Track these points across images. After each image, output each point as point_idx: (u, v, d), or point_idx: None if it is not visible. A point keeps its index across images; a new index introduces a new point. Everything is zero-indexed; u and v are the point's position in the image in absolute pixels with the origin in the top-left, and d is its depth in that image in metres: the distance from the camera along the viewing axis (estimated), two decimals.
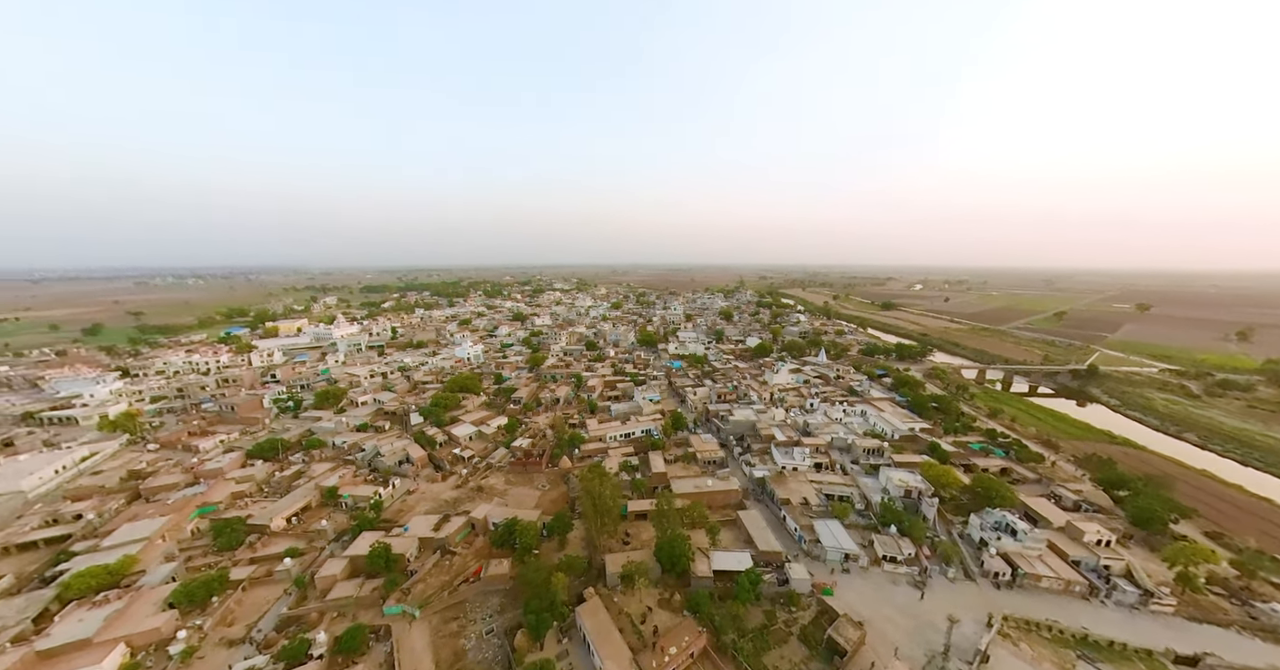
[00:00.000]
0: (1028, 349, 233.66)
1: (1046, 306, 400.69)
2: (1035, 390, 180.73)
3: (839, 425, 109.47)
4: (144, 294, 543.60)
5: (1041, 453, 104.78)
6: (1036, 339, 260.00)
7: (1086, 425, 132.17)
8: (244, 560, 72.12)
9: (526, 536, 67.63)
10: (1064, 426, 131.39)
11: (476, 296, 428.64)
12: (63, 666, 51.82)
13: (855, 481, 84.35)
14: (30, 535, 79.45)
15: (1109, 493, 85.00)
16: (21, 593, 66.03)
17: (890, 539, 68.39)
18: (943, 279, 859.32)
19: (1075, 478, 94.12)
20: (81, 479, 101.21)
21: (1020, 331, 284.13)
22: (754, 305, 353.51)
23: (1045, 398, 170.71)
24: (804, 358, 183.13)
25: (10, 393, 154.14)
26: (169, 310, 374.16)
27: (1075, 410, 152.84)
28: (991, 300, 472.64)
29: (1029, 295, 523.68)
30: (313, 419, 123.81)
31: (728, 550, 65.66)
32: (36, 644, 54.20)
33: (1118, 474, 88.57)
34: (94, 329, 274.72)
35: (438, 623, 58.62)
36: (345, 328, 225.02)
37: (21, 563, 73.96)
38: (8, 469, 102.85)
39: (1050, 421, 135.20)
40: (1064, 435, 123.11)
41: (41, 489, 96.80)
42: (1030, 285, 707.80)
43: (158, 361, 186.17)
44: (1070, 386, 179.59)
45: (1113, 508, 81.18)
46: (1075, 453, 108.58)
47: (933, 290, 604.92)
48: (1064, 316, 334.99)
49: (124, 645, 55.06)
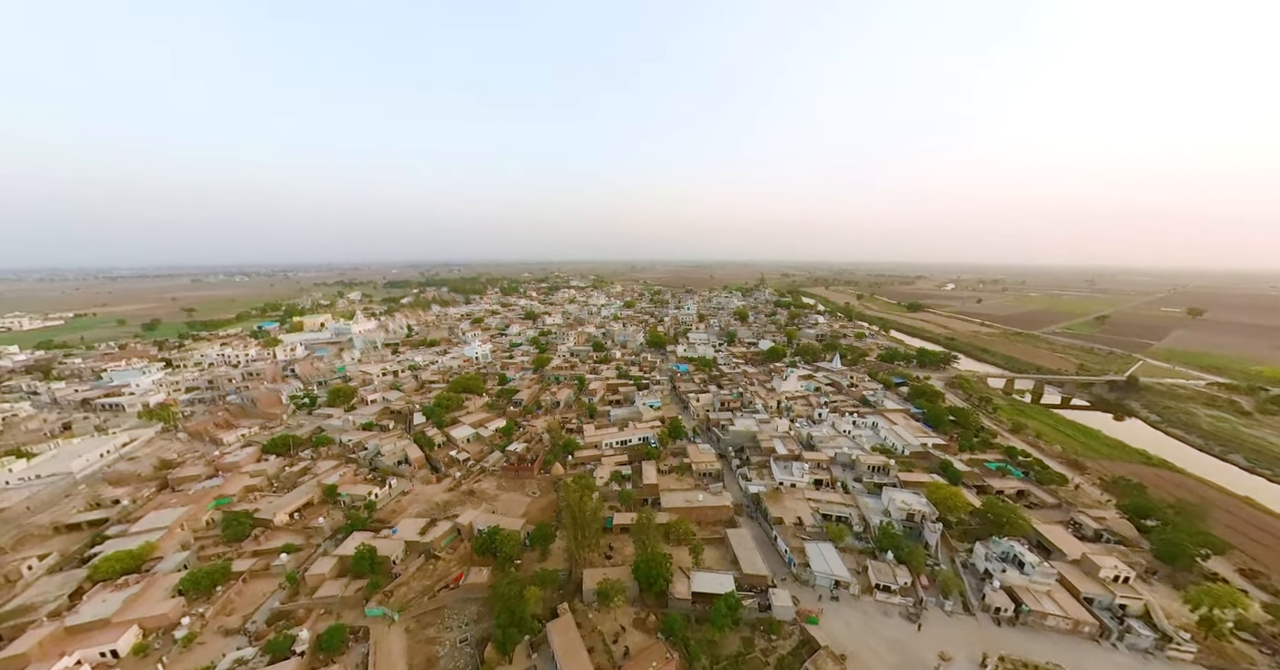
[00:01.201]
0: (1063, 356, 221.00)
1: (1087, 309, 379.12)
2: (1068, 402, 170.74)
3: (845, 438, 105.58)
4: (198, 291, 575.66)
5: (1064, 474, 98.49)
6: (1074, 346, 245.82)
7: (1120, 443, 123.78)
8: (247, 553, 74.92)
9: (507, 546, 67.51)
10: (1094, 444, 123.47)
11: (493, 293, 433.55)
12: (86, 642, 55.92)
13: (856, 501, 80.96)
14: (75, 517, 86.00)
15: (1135, 522, 79.12)
16: (62, 571, 71.17)
17: (886, 566, 65.20)
18: (977, 278, 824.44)
19: (1099, 503, 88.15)
20: (120, 464, 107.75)
21: (1056, 337, 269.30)
22: (772, 305, 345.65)
23: (1079, 410, 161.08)
24: (818, 363, 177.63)
25: (78, 381, 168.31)
26: (216, 306, 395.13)
27: (1110, 426, 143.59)
28: (1028, 302, 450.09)
29: (1069, 297, 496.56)
30: (324, 416, 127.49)
31: (710, 571, 63.81)
32: (66, 620, 58.66)
33: (1145, 501, 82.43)
34: (152, 324, 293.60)
35: (415, 627, 59.27)
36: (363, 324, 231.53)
37: (67, 542, 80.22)
38: (63, 451, 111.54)
39: (1080, 438, 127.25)
40: (1093, 454, 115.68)
41: (87, 471, 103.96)
42: (1071, 286, 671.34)
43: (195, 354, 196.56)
44: (1107, 399, 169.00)
45: (1137, 539, 75.47)
46: (1103, 474, 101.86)
47: (966, 290, 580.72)
48: (1106, 321, 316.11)
49: (137, 627, 58.58)
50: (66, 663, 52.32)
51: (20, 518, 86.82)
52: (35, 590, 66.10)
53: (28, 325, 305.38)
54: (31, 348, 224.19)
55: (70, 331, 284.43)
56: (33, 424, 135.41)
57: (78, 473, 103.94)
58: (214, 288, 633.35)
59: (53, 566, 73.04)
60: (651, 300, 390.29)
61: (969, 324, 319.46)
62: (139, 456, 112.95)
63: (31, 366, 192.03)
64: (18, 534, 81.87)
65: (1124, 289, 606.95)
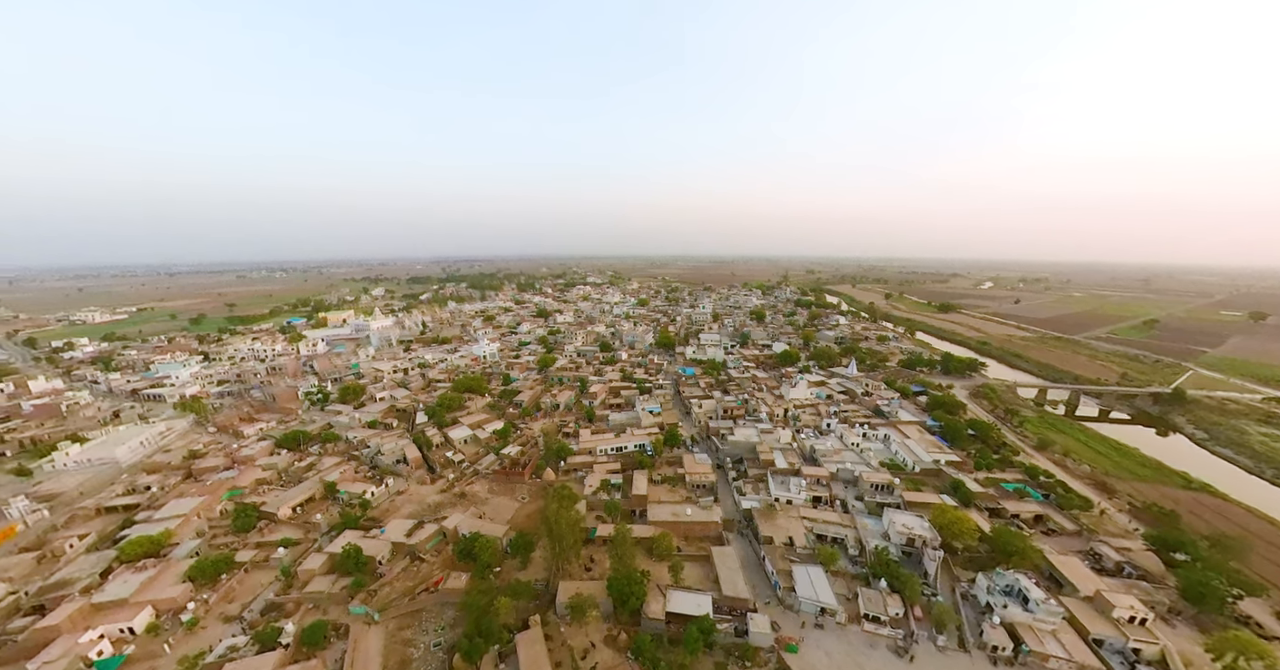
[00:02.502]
0: (1104, 364, 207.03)
1: (1136, 312, 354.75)
2: (1106, 415, 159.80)
3: (851, 452, 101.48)
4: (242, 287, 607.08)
5: (1090, 498, 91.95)
6: (1117, 352, 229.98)
7: (1157, 464, 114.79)
8: (251, 544, 78.43)
9: (486, 553, 67.87)
10: (1129, 464, 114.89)
11: (510, 289, 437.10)
12: (107, 618, 60.76)
13: (854, 522, 77.44)
14: (114, 501, 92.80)
15: (1162, 555, 72.95)
16: (97, 550, 77.06)
17: (877, 594, 62.06)
18: (1018, 276, 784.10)
19: (1125, 532, 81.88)
20: (157, 455, 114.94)
21: (1098, 343, 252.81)
22: (792, 304, 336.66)
23: (1117, 425, 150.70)
24: (833, 368, 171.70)
25: (131, 372, 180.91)
26: (255, 301, 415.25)
27: (1151, 443, 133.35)
28: (1071, 302, 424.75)
29: (1118, 297, 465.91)
30: (334, 412, 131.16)
31: (689, 590, 62.13)
32: (94, 597, 63.78)
33: (1176, 532, 75.94)
34: (198, 319, 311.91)
35: (394, 628, 60.55)
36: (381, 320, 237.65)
37: (105, 523, 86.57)
38: (111, 438, 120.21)
39: (1113, 457, 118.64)
40: (1126, 475, 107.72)
41: (130, 459, 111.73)
42: (1121, 285, 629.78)
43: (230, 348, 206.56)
44: (1150, 413, 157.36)
45: (1164, 574, 69.57)
46: (1134, 498, 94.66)
47: (1004, 289, 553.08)
48: (1155, 325, 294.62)
49: (151, 608, 62.83)
50: (91, 636, 57.34)
51: (74, 502, 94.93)
52: (74, 567, 72.40)
53: (98, 319, 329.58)
54: (98, 339, 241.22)
55: (132, 325, 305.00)
56: (89, 411, 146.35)
57: (122, 460, 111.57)
58: (256, 283, 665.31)
59: (91, 546, 79.51)
60: (667, 298, 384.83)
61: (1004, 326, 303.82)
62: (172, 448, 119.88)
63: (96, 357, 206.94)
64: (67, 514, 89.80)
65: (1180, 289, 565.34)
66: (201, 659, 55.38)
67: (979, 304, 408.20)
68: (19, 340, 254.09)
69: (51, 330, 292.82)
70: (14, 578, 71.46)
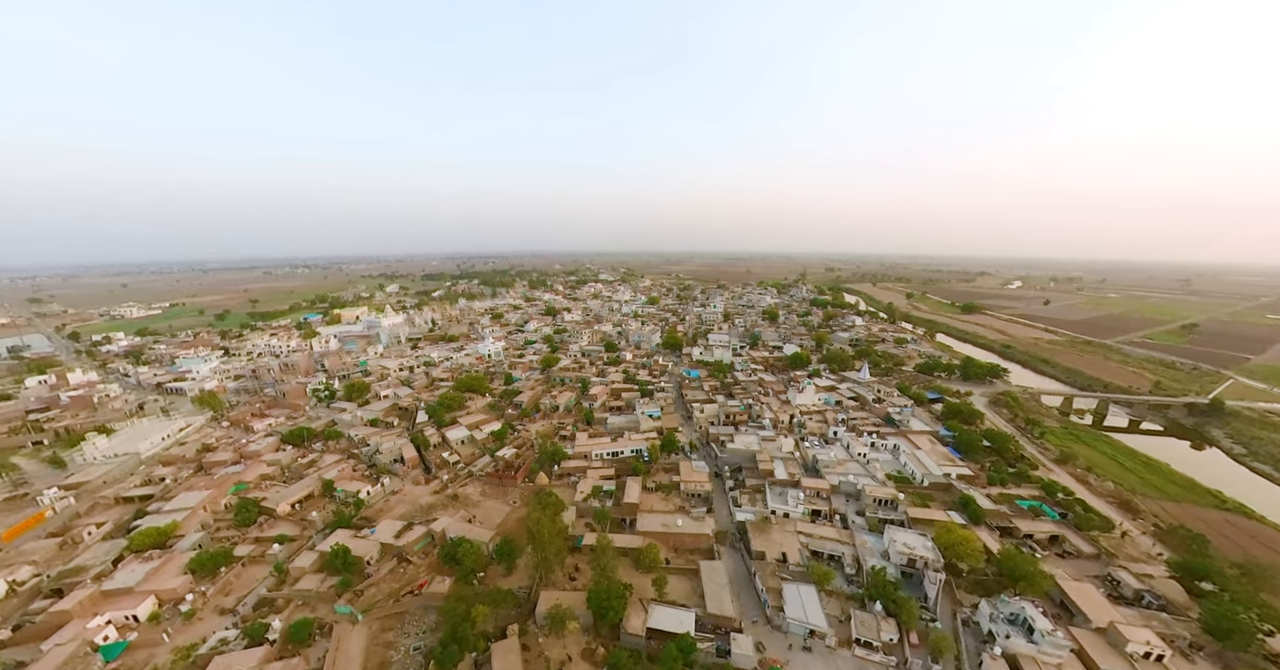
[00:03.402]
0: (1137, 372, 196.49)
1: (1174, 314, 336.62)
2: (1136, 427, 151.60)
3: (856, 463, 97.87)
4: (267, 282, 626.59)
5: (1111, 518, 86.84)
6: (1151, 358, 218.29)
7: (1189, 481, 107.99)
8: (250, 539, 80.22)
9: (469, 558, 67.64)
10: (1157, 480, 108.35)
11: (521, 287, 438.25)
12: (115, 605, 63.58)
13: (853, 538, 74.43)
14: (131, 491, 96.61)
15: (1186, 583, 68.19)
16: (112, 539, 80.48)
17: (871, 618, 59.37)
18: (1050, 275, 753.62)
19: (1148, 556, 76.87)
20: (173, 447, 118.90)
21: (1132, 348, 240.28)
22: (807, 303, 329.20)
23: (1148, 436, 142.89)
24: (845, 372, 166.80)
25: (158, 366, 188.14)
26: (277, 297, 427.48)
27: (1183, 457, 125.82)
28: (1105, 304, 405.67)
29: (1155, 299, 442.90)
30: (339, 410, 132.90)
31: (672, 606, 60.50)
32: (103, 584, 66.70)
33: (1203, 558, 70.90)
34: (223, 315, 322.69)
35: (377, 629, 60.91)
36: (392, 318, 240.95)
37: (121, 512, 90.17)
38: (134, 431, 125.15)
39: (1140, 472, 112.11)
40: (1154, 492, 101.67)
41: (150, 452, 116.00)
42: (1160, 285, 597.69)
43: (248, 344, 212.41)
44: (1184, 424, 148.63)
45: (1187, 605, 64.92)
46: (1161, 519, 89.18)
47: (1033, 289, 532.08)
48: (1193, 330, 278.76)
49: (154, 597, 65.22)
50: (99, 621, 60.03)
51: (97, 491, 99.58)
52: (90, 554, 75.90)
53: (135, 314, 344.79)
54: (133, 334, 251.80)
55: (164, 320, 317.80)
56: (118, 404, 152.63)
57: (142, 452, 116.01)
58: (280, 279, 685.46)
59: (107, 534, 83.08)
60: (678, 296, 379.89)
61: (1031, 329, 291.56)
62: (187, 441, 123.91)
63: (129, 351, 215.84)
64: (90, 503, 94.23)
65: (1224, 291, 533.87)
66: (194, 650, 57.18)
67: (1006, 305, 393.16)
68: (65, 334, 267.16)
69: (94, 325, 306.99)
70: (38, 562, 75.40)
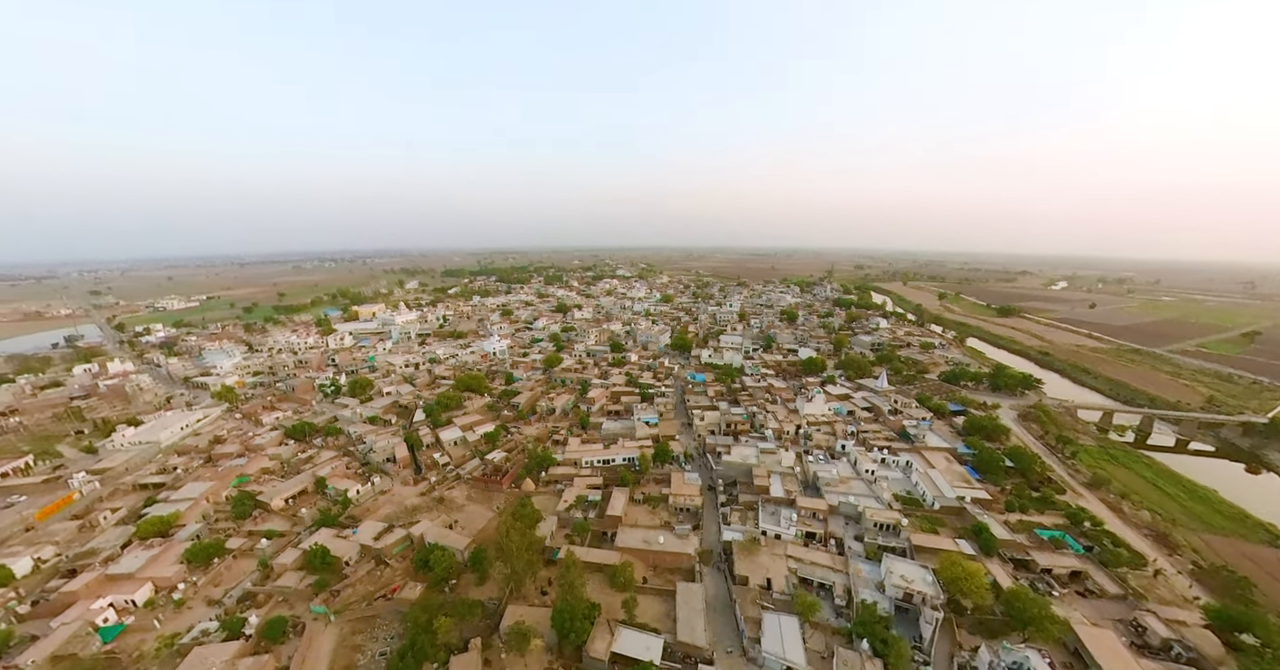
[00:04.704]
0: (1188, 385, 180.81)
1: (1235, 321, 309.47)
2: (1184, 446, 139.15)
3: (861, 481, 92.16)
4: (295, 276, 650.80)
5: (1145, 553, 78.93)
6: (1206, 370, 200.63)
7: (1240, 512, 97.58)
8: (243, 532, 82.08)
9: (441, 566, 66.76)
10: (1202, 509, 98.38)
11: (537, 282, 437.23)
12: (117, 589, 66.79)
13: (847, 566, 69.60)
14: (147, 478, 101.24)
15: (1223, 635, 60.82)
16: (125, 524, 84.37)
17: (856, 657, 54.97)
18: (1098, 275, 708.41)
19: (1183, 599, 69.25)
20: (188, 438, 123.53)
21: (1185, 358, 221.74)
22: (830, 303, 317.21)
23: (1197, 457, 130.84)
24: (862, 379, 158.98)
25: (188, 358, 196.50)
26: (303, 291, 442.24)
27: (1235, 483, 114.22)
28: (1157, 308, 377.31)
29: (1214, 303, 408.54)
30: (342, 406, 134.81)
31: (641, 631, 57.70)
32: (109, 568, 70.03)
33: (1246, 606, 63.09)
34: (251, 308, 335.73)
35: (347, 632, 61.02)
36: (405, 315, 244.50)
37: (136, 499, 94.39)
38: (158, 422, 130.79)
39: (1183, 500, 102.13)
40: (1196, 523, 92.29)
41: (169, 441, 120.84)
42: (1221, 288, 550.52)
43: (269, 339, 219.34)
44: (1238, 445, 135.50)
45: (1222, 658, 57.72)
46: (1202, 556, 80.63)
47: (1078, 290, 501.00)
48: (1255, 338, 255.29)
49: (151, 584, 67.88)
50: (102, 603, 63.21)
51: (118, 477, 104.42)
52: (103, 537, 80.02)
53: (175, 306, 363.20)
54: (170, 325, 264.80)
55: (200, 312, 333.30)
56: (148, 395, 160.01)
57: (162, 442, 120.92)
58: (307, 274, 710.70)
59: (120, 520, 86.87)
60: (695, 294, 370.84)
61: (1073, 335, 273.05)
62: (202, 432, 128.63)
63: (164, 343, 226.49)
64: (111, 488, 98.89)
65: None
66: (178, 639, 58.98)
67: (1047, 307, 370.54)
68: (114, 325, 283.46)
69: (140, 316, 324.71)
70: (60, 542, 79.72)
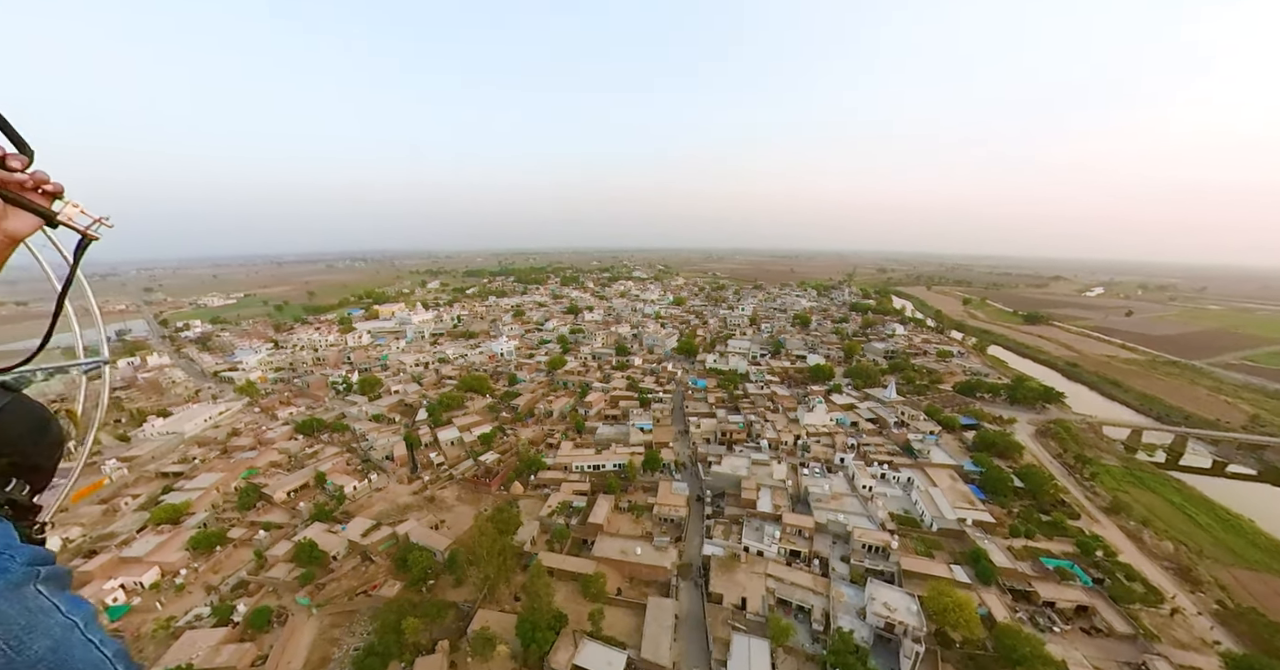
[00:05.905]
0: (1231, 401, 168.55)
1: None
2: (1221, 469, 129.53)
3: (855, 498, 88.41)
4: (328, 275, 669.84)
5: (1163, 588, 73.17)
6: (1250, 385, 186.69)
7: (1276, 545, 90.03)
8: (246, 522, 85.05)
9: (419, 566, 67.20)
10: (1234, 541, 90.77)
11: (553, 283, 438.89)
12: (127, 571, 70.53)
13: (829, 589, 66.33)
14: (169, 467, 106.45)
15: None
16: (143, 510, 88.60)
17: None
18: (1139, 281, 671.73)
19: (1202, 643, 63.71)
20: (208, 430, 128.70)
21: (1228, 372, 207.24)
22: (846, 308, 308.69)
23: (1235, 481, 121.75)
24: (870, 388, 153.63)
25: (220, 354, 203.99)
26: (332, 290, 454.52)
27: (1276, 513, 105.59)
28: (1201, 317, 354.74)
29: (1267, 313, 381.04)
30: (351, 403, 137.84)
31: (606, 645, 56.31)
32: (123, 551, 74.02)
33: (1271, 660, 57.43)
34: (281, 306, 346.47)
35: (327, 625, 62.25)
36: (421, 314, 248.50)
37: (155, 487, 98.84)
38: (184, 414, 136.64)
39: (1214, 530, 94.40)
40: (1227, 557, 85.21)
41: (193, 433, 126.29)
42: (1274, 296, 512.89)
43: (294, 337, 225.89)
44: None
45: None
46: (1230, 594, 74.19)
47: (1116, 297, 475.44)
48: None
49: (158, 568, 71.27)
50: (113, 583, 67.04)
51: (144, 465, 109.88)
52: (122, 522, 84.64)
53: (215, 303, 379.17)
54: (208, 321, 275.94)
55: (236, 309, 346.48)
56: (179, 389, 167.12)
57: (186, 433, 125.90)
58: (339, 273, 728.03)
59: (140, 506, 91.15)
60: (708, 297, 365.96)
61: (1105, 344, 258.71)
62: (221, 425, 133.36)
63: (200, 338, 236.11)
64: (136, 476, 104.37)
65: None
66: (174, 622, 61.93)
67: (1079, 315, 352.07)
68: (160, 320, 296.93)
69: (184, 312, 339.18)
70: (85, 523, 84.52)
